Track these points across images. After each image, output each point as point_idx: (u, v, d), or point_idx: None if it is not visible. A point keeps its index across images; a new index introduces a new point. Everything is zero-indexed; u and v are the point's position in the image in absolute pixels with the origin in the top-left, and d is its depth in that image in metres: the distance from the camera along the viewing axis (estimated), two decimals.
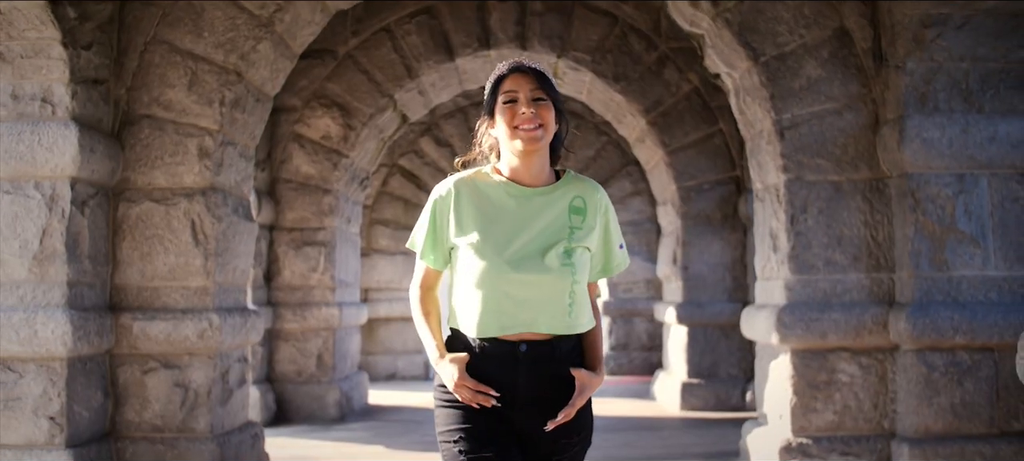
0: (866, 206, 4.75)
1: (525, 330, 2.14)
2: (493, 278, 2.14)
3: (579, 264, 2.18)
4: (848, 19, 4.83)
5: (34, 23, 4.35)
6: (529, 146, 2.17)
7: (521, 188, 2.22)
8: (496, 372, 2.14)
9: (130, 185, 4.84)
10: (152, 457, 4.71)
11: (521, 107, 2.17)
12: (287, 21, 5.04)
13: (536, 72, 2.23)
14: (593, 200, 2.24)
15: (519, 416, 2.16)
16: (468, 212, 2.21)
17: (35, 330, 4.29)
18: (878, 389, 4.69)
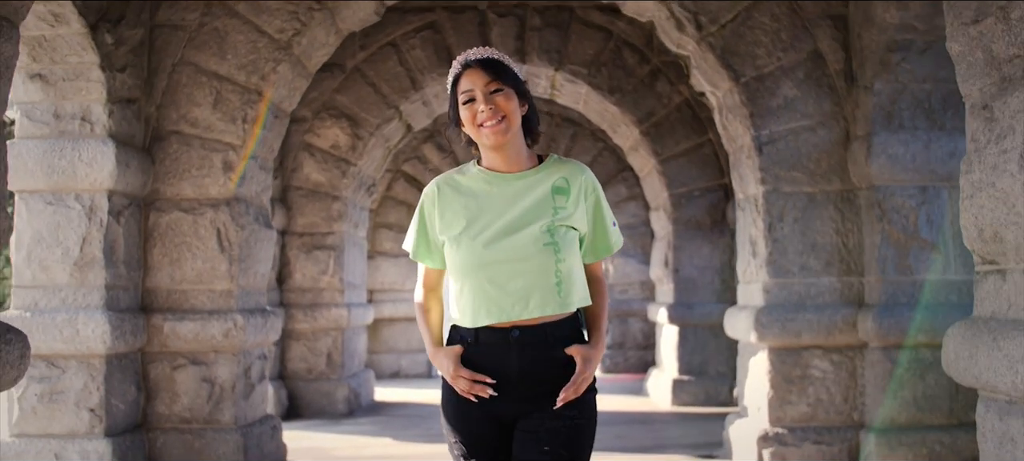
0: (837, 215, 5.17)
1: (516, 316, 2.14)
2: (476, 267, 2.15)
3: (563, 243, 2.16)
4: (822, 43, 5.24)
5: (75, 49, 4.76)
6: (497, 139, 2.16)
7: (501, 175, 2.22)
8: (490, 360, 2.15)
9: (160, 196, 5.25)
10: (181, 447, 5.12)
11: (479, 105, 2.15)
12: (304, 44, 5.45)
13: (489, 63, 2.19)
14: (577, 180, 2.22)
15: (515, 404, 2.16)
16: (451, 208, 2.21)
17: (77, 329, 4.70)
18: (848, 384, 5.11)
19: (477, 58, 2.21)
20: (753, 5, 5.26)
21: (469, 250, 2.15)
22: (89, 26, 4.70)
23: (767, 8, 5.25)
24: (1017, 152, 2.34)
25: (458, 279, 2.19)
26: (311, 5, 5.36)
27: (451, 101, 2.23)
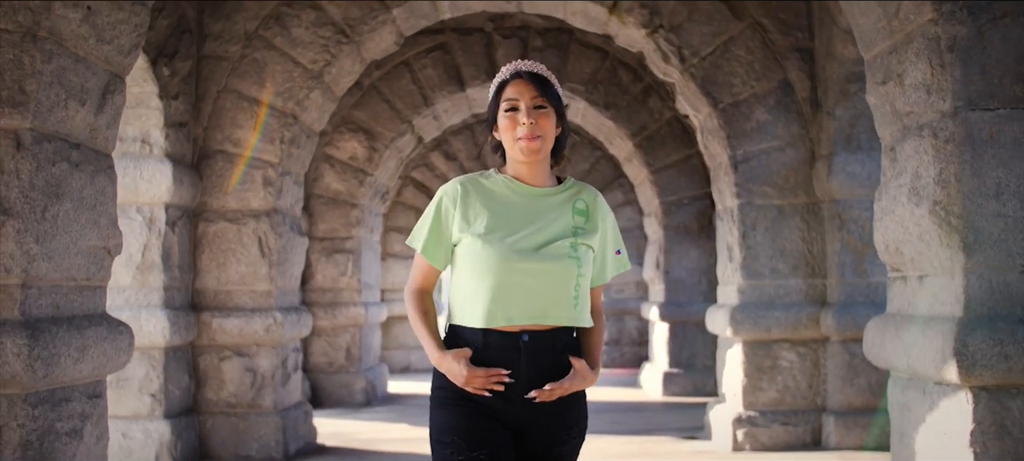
0: (803, 225, 5.88)
1: (530, 321, 2.16)
2: (502, 267, 2.15)
3: (584, 259, 2.20)
4: (791, 73, 5.95)
5: (139, 81, 5.47)
6: (530, 156, 2.19)
7: (527, 187, 2.24)
8: (497, 364, 2.15)
9: (207, 208, 5.96)
10: (227, 428, 5.83)
11: (522, 117, 2.18)
12: (333, 73, 6.16)
13: (537, 78, 2.23)
14: (595, 204, 2.28)
15: (518, 409, 2.17)
16: (475, 207, 2.22)
17: (140, 325, 5.40)
18: (812, 372, 5.82)
19: (528, 71, 2.24)
20: (730, 39, 5.97)
21: (497, 251, 2.15)
22: (150, 61, 5.41)
23: (742, 42, 5.96)
24: (907, 187, 3.05)
25: (477, 278, 2.17)
26: (340, 39, 6.07)
27: (492, 105, 2.26)
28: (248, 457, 5.77)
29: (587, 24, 6.44)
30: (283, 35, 6.01)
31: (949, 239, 2.88)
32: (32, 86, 3.01)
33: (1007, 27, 2.88)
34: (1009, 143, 2.85)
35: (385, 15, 6.11)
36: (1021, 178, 2.84)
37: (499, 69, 8.20)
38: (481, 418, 2.16)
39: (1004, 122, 2.86)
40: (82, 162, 3.29)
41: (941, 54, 2.92)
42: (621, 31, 6.20)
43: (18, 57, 3.01)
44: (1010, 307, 2.82)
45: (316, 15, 6.05)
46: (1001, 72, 2.88)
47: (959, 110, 2.88)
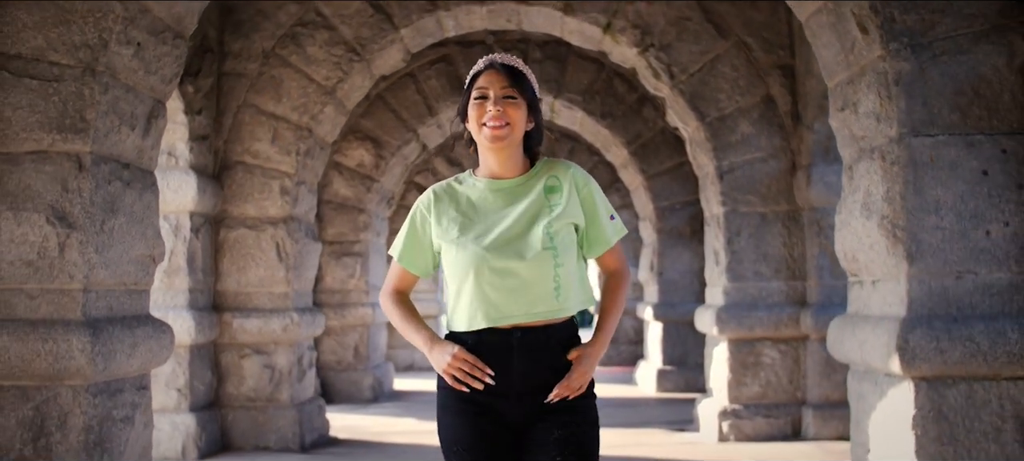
0: (784, 231, 6.29)
1: (516, 320, 2.15)
2: (476, 270, 2.14)
3: (562, 246, 2.17)
4: (773, 89, 6.36)
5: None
6: (495, 143, 2.18)
7: (496, 181, 2.24)
8: (491, 363, 2.14)
9: (228, 215, 6.38)
10: (247, 421, 6.25)
11: (489, 105, 2.17)
12: (345, 88, 6.58)
13: (508, 69, 2.21)
14: (566, 176, 2.24)
15: (516, 406, 2.16)
16: (448, 213, 2.23)
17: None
18: (792, 369, 6.24)
19: (500, 62, 2.24)
20: (717, 57, 6.39)
21: (470, 252, 2.15)
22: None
23: (728, 60, 6.38)
24: (860, 202, 3.47)
25: (456, 282, 2.19)
26: (351, 57, 6.49)
27: (464, 95, 2.26)
28: (267, 448, 6.19)
29: (583, 42, 6.85)
30: (298, 53, 6.43)
31: (895, 249, 3.30)
32: (91, 115, 3.43)
33: (945, 64, 3.29)
34: (946, 165, 3.27)
35: (394, 35, 6.53)
36: (957, 196, 3.26)
37: None
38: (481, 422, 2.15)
39: (942, 147, 3.28)
40: (132, 180, 3.71)
41: (888, 87, 3.33)
42: (615, 49, 6.62)
43: (79, 89, 3.43)
44: (946, 308, 3.23)
45: (329, 35, 6.47)
46: (940, 103, 3.29)
47: (903, 136, 3.30)
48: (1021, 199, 3.24)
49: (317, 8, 6.48)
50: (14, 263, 3.35)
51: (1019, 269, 3.22)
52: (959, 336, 3.16)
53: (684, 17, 6.38)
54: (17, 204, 3.37)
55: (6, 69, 3.40)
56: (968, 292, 3.24)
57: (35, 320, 3.34)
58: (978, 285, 3.23)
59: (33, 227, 3.36)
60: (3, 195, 3.37)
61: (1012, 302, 3.22)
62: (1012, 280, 3.23)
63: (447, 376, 2.17)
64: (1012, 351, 3.15)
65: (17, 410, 3.31)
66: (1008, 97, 3.28)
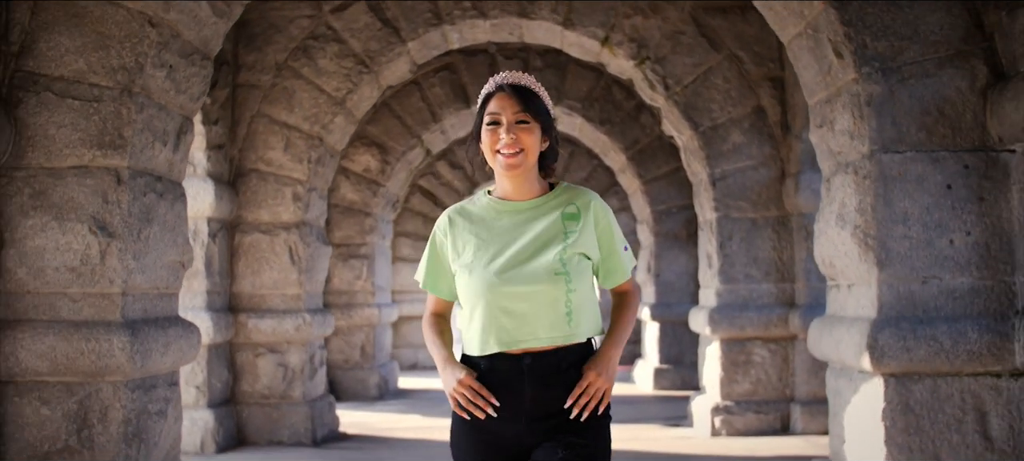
0: (774, 236, 6.59)
1: (526, 344, 2.13)
2: (488, 294, 2.13)
3: (575, 272, 2.14)
4: (763, 100, 6.66)
5: None
6: (509, 171, 2.17)
7: (512, 203, 2.22)
8: (502, 387, 2.13)
9: (243, 220, 6.68)
10: (262, 417, 6.55)
11: (502, 132, 2.15)
12: (355, 99, 6.88)
13: (521, 91, 2.19)
14: (588, 206, 2.21)
15: (527, 430, 2.14)
16: (462, 237, 2.21)
17: None
18: (781, 367, 6.54)
19: (511, 83, 2.20)
20: (710, 70, 6.69)
21: (480, 277, 2.14)
22: None
23: (720, 72, 6.68)
24: (836, 213, 3.77)
25: (468, 306, 2.18)
26: (360, 69, 6.80)
27: (477, 118, 2.24)
28: (281, 443, 6.49)
29: (582, 54, 7.15)
30: (310, 66, 6.73)
31: (866, 256, 3.60)
32: (128, 132, 3.73)
33: (912, 86, 3.59)
34: (913, 179, 3.57)
35: (401, 48, 6.83)
36: (923, 208, 3.56)
37: None
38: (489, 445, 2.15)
39: (910, 163, 3.58)
40: (164, 192, 4.01)
41: (861, 107, 3.63)
42: (612, 61, 6.91)
43: (117, 109, 3.73)
44: (913, 310, 3.53)
45: (339, 48, 6.77)
46: (908, 122, 3.59)
47: (874, 153, 3.60)
48: (982, 211, 3.54)
49: (328, 22, 6.77)
50: (59, 269, 3.65)
51: (979, 275, 3.53)
52: (924, 336, 3.47)
53: (678, 31, 6.68)
54: (62, 215, 3.67)
55: (50, 90, 3.71)
56: (933, 296, 3.54)
57: (78, 322, 3.64)
58: (942, 289, 3.54)
59: (77, 236, 3.66)
60: (48, 206, 3.67)
61: (973, 305, 3.52)
62: (973, 285, 3.53)
63: (451, 400, 2.17)
64: (972, 350, 3.45)
65: (63, 404, 3.62)
66: (970, 117, 3.58)
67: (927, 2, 3.59)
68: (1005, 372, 3.48)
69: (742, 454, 5.83)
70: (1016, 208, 3.51)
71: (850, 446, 3.78)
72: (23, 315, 3.65)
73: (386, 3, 6.80)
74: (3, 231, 3.67)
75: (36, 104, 3.70)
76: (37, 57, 3.71)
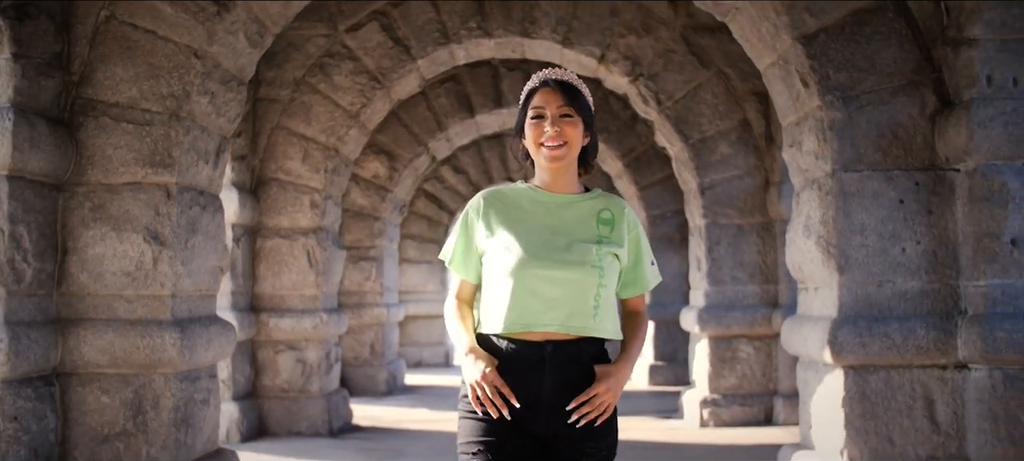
0: (759, 240, 7.08)
1: (551, 329, 2.14)
2: (521, 273, 2.14)
3: (607, 269, 2.17)
4: (749, 114, 7.14)
5: None
6: (553, 163, 2.20)
7: (550, 194, 2.25)
8: (522, 374, 2.13)
9: (264, 226, 7.16)
10: (281, 409, 7.04)
11: (546, 125, 2.19)
12: (368, 113, 7.36)
13: (565, 87, 2.23)
14: (621, 214, 2.25)
15: (543, 420, 2.14)
16: (497, 218, 2.23)
17: None
18: (765, 363, 7.03)
19: (556, 79, 2.26)
20: (699, 86, 7.17)
21: (516, 258, 2.16)
22: None
23: (709, 88, 7.16)
24: (803, 224, 4.26)
25: (498, 283, 2.19)
26: (373, 85, 7.28)
27: (521, 112, 2.28)
28: (299, 433, 6.98)
29: (580, 70, 7.63)
30: (326, 81, 7.22)
31: (828, 262, 4.08)
32: (177, 152, 4.22)
33: (869, 113, 4.07)
34: (870, 195, 4.05)
35: (411, 65, 7.31)
36: (878, 220, 4.04)
37: (504, 97, 9.45)
38: (505, 428, 2.13)
39: (866, 180, 4.06)
40: (206, 204, 4.50)
41: (824, 131, 4.11)
42: (608, 77, 7.40)
43: (166, 132, 4.21)
44: (869, 310, 4.01)
45: (354, 65, 7.25)
46: (865, 144, 4.07)
47: (836, 171, 4.08)
48: (930, 222, 4.03)
49: (343, 41, 7.26)
50: (116, 274, 4.14)
51: (928, 279, 4.01)
52: (879, 333, 3.95)
53: (670, 49, 7.16)
54: (119, 226, 4.15)
55: (107, 115, 4.19)
56: (887, 298, 4.02)
57: (133, 320, 4.12)
58: (895, 292, 4.02)
59: (132, 245, 4.14)
60: (107, 218, 4.15)
61: (921, 305, 4.00)
62: (922, 288, 4.01)
63: (471, 391, 2.16)
64: (920, 345, 3.93)
65: (121, 392, 4.10)
66: (920, 140, 4.07)
67: (883, 39, 4.07)
68: (950, 364, 3.96)
69: (727, 443, 6.32)
70: (960, 220, 3.99)
71: (816, 430, 4.26)
72: (84, 315, 4.13)
73: (397, 23, 7.28)
74: (66, 240, 4.16)
75: (95, 127, 4.18)
76: (95, 85, 4.19)
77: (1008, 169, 3.86)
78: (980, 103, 3.86)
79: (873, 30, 4.07)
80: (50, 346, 3.97)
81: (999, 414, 3.79)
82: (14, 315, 3.82)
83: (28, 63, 3.92)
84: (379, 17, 7.28)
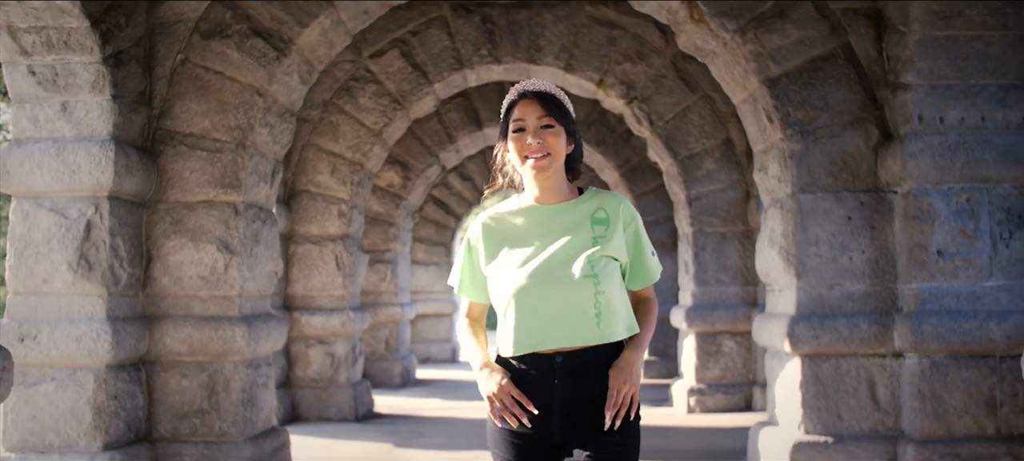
0: (740, 247, 7.89)
1: (557, 344, 2.16)
2: (519, 296, 2.18)
3: (604, 274, 2.16)
4: (732, 133, 7.96)
5: None
6: (538, 175, 2.22)
7: (542, 207, 2.26)
8: (535, 385, 2.16)
9: (296, 233, 7.97)
10: (312, 398, 7.85)
11: (528, 137, 2.21)
12: (389, 131, 8.17)
13: (543, 97, 2.23)
14: (615, 210, 2.25)
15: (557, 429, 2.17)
16: (494, 241, 2.27)
17: None
18: (746, 356, 7.84)
19: (534, 90, 2.25)
20: (687, 107, 7.98)
21: (511, 279, 2.20)
22: None
23: (696, 110, 7.97)
24: (768, 236, 5.07)
25: (501, 308, 2.23)
26: (394, 106, 8.09)
27: (502, 125, 2.28)
28: (328, 419, 7.79)
29: (581, 92, 8.44)
30: (352, 103, 8.02)
31: (788, 269, 4.89)
32: (243, 176, 5.02)
33: (823, 144, 4.89)
34: (823, 213, 4.86)
35: (428, 88, 8.13)
36: (830, 233, 4.85)
37: None
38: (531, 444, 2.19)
39: (820, 201, 4.87)
40: (265, 218, 5.31)
41: (786, 160, 4.93)
42: (606, 99, 8.21)
43: (234, 158, 5.02)
44: (821, 309, 4.82)
45: (376, 88, 8.06)
46: (820, 171, 4.88)
47: (795, 193, 4.89)
48: (873, 236, 4.84)
49: (367, 66, 8.07)
50: (193, 278, 4.95)
51: (870, 283, 4.83)
52: (829, 327, 4.76)
53: (661, 75, 7.98)
54: (195, 237, 4.96)
55: (184, 143, 5.00)
56: (837, 298, 4.84)
57: (207, 317, 4.93)
58: (843, 293, 4.84)
59: (207, 253, 4.95)
60: (184, 231, 4.96)
61: (865, 304, 4.82)
62: (866, 290, 4.83)
63: (489, 403, 2.21)
64: (863, 337, 4.75)
65: (198, 377, 4.91)
66: (865, 167, 4.88)
67: (834, 82, 4.88)
68: (888, 353, 4.78)
69: (710, 426, 7.13)
70: (897, 234, 4.81)
71: (779, 409, 5.08)
72: (166, 312, 4.94)
73: (416, 50, 8.09)
74: (150, 249, 4.97)
75: (173, 154, 4.99)
76: (173, 118, 5.00)
77: (935, 192, 4.68)
78: (912, 137, 4.67)
79: (826, 75, 4.88)
80: (140, 338, 4.78)
81: (927, 394, 4.61)
82: (113, 312, 4.64)
83: (122, 102, 4.73)
84: (399, 44, 8.08)
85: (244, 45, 4.99)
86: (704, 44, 5.21)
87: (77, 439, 4.53)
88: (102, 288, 4.59)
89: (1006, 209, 4.66)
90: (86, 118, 4.66)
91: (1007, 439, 4.57)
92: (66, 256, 4.58)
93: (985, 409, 4.60)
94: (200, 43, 4.98)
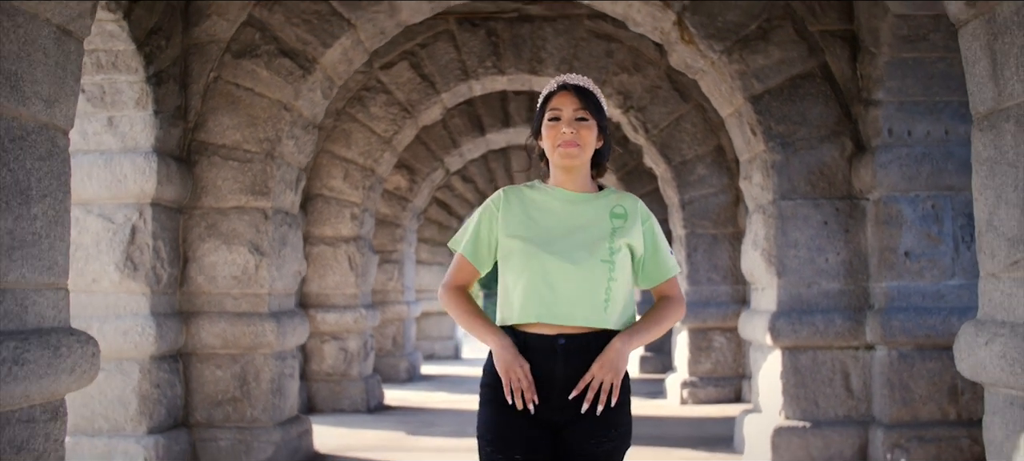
0: (730, 248, 8.36)
1: (563, 322, 2.21)
2: (535, 265, 2.23)
3: (619, 262, 2.24)
4: (722, 140, 8.42)
5: None
6: (567, 162, 2.28)
7: (566, 192, 2.32)
8: (537, 366, 2.22)
9: (311, 235, 8.43)
10: (327, 390, 8.31)
11: (562, 127, 2.28)
12: (399, 138, 8.63)
13: (581, 91, 2.32)
14: (633, 208, 2.34)
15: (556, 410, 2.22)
16: (516, 212, 2.32)
17: None
18: (736, 350, 8.32)
19: (574, 84, 2.34)
20: (681, 116, 8.45)
21: (530, 252, 2.25)
22: None
23: (689, 118, 8.44)
24: (752, 239, 5.54)
25: (513, 278, 2.28)
26: (404, 114, 8.55)
27: (538, 114, 2.36)
28: (342, 410, 8.25)
29: None
30: (363, 112, 8.48)
31: (770, 269, 5.36)
32: (271, 184, 5.49)
33: (802, 155, 5.35)
34: (801, 218, 5.33)
35: (436, 97, 8.59)
36: (808, 237, 5.31)
37: (511, 118, 10.80)
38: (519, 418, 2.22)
39: (799, 207, 5.34)
40: (291, 223, 5.77)
41: (768, 169, 5.40)
42: (604, 108, 8.66)
43: (263, 168, 5.48)
44: (800, 305, 5.29)
45: (386, 97, 8.52)
46: (799, 179, 5.35)
47: (776, 200, 5.36)
48: (847, 239, 5.31)
49: (377, 77, 8.53)
50: (226, 278, 5.41)
51: (845, 282, 5.29)
52: (807, 322, 5.23)
53: (656, 85, 8.44)
54: (228, 240, 5.42)
55: (217, 154, 5.46)
56: (814, 296, 5.30)
57: (239, 313, 5.39)
58: (820, 291, 5.31)
59: (239, 255, 5.41)
60: (218, 235, 5.42)
61: (840, 301, 5.28)
62: (841, 288, 5.30)
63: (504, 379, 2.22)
64: (838, 331, 5.22)
65: (231, 368, 5.37)
66: (841, 176, 5.35)
67: (813, 99, 5.35)
68: (860, 346, 5.25)
69: (701, 416, 7.60)
70: (869, 237, 5.28)
71: (762, 397, 5.55)
72: (201, 309, 5.40)
73: (424, 62, 8.55)
74: (187, 251, 5.43)
75: (207, 164, 5.45)
76: (207, 131, 5.46)
77: (903, 199, 5.15)
78: (882, 149, 5.14)
79: (805, 92, 5.35)
80: (178, 332, 5.25)
81: (895, 382, 5.08)
82: (156, 309, 5.10)
83: (163, 116, 5.20)
84: (409, 56, 8.53)
85: (272, 64, 5.45)
86: (694, 63, 5.67)
87: (124, 424, 4.99)
88: (146, 287, 5.05)
89: (967, 215, 5.13)
90: (131, 132, 5.12)
91: (967, 424, 5.05)
92: (113, 257, 5.04)
93: (948, 396, 5.07)
94: (231, 62, 5.44)
